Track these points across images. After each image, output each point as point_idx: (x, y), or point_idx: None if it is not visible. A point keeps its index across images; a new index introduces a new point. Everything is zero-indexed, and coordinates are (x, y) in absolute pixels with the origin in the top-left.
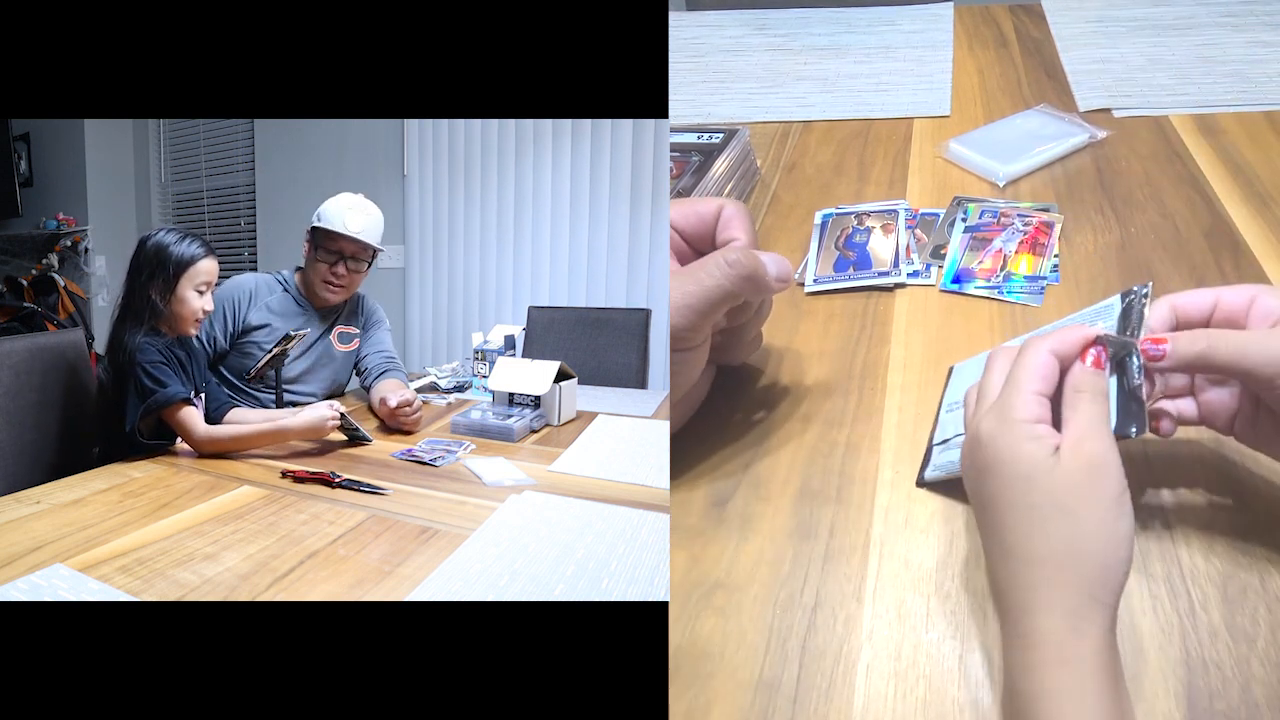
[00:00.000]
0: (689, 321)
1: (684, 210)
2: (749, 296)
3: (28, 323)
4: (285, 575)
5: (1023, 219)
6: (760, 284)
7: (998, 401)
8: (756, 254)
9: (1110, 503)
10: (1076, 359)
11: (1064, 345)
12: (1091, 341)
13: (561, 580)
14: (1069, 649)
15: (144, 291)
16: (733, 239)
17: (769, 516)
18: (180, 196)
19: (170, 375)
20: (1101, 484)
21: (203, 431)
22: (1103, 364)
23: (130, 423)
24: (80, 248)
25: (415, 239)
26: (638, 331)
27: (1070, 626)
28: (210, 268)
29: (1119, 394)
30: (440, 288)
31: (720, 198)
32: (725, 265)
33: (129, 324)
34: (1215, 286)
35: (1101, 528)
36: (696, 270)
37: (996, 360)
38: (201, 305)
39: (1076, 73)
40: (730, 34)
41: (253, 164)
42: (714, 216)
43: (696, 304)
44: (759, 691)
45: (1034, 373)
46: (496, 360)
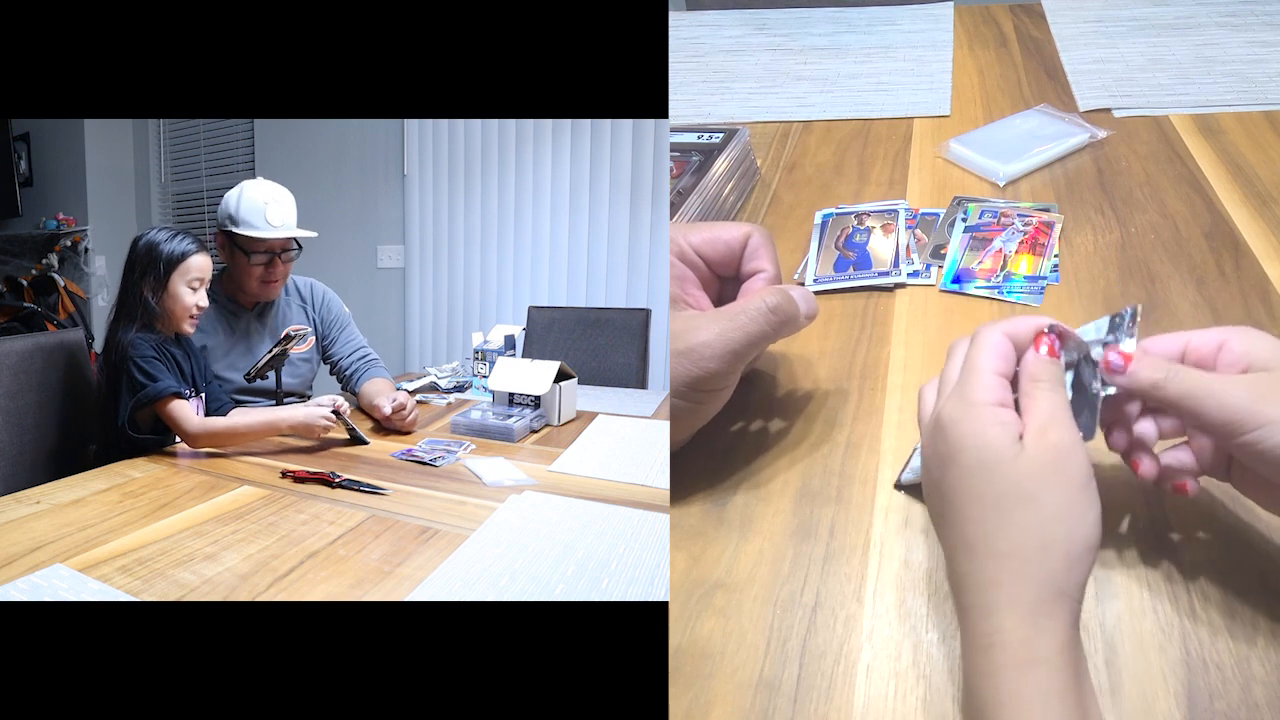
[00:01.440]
0: (729, 367)
1: (707, 236)
2: (782, 336)
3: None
4: (285, 575)
5: (1023, 219)
6: (795, 326)
7: (958, 385)
8: (791, 295)
9: (1076, 490)
10: (1030, 346)
11: (1018, 329)
12: (1044, 330)
13: (561, 580)
14: (1032, 650)
15: (137, 290)
16: (761, 270)
17: (769, 517)
18: (180, 196)
19: (162, 370)
20: (1067, 472)
21: (196, 424)
22: (1056, 352)
23: (122, 417)
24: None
25: (415, 239)
26: (638, 331)
27: (1033, 624)
28: (203, 264)
29: (1072, 396)
30: (440, 288)
31: (744, 224)
32: (767, 311)
33: (123, 322)
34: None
35: (1067, 514)
36: (737, 315)
37: (955, 350)
38: (195, 301)
39: (1076, 73)
40: (730, 34)
41: (253, 164)
42: (740, 245)
43: (738, 349)
44: (759, 692)
45: (991, 353)
46: (496, 360)
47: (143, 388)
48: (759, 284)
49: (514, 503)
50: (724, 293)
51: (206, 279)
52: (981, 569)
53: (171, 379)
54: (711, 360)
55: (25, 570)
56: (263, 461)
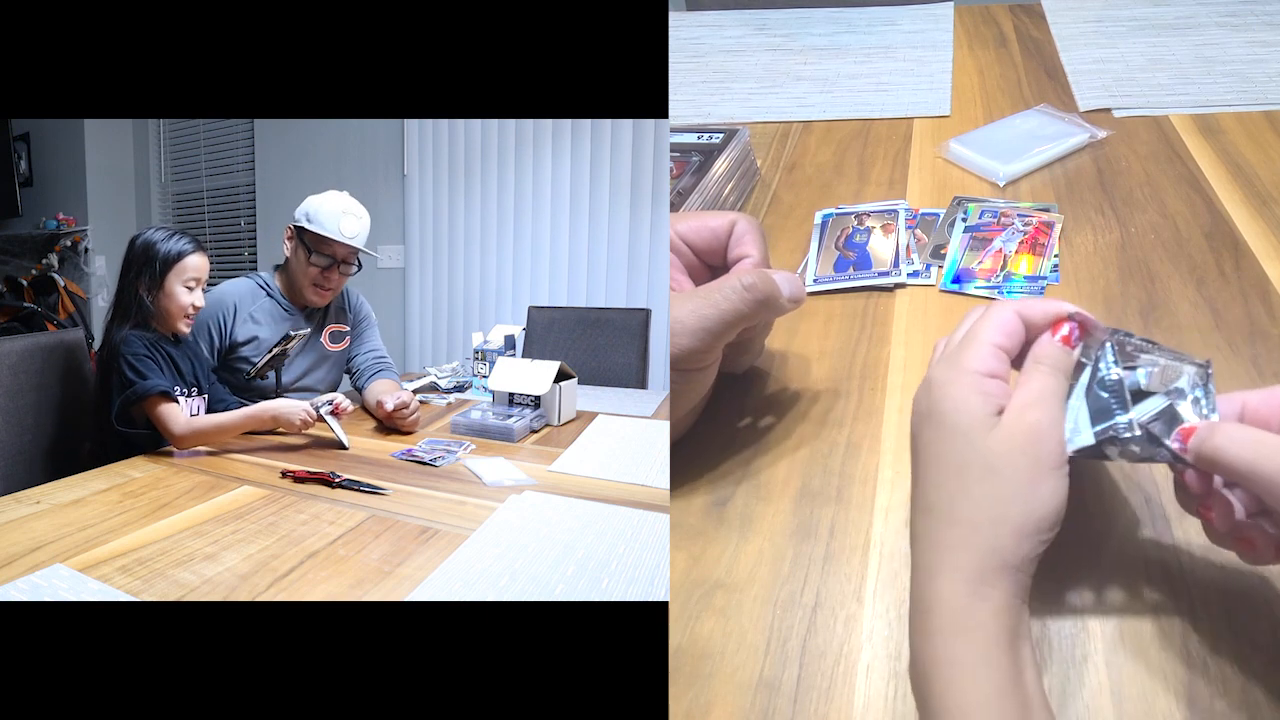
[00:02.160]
0: (703, 344)
1: (694, 224)
2: (763, 318)
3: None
4: (285, 575)
5: (1023, 219)
6: (775, 306)
7: (955, 350)
8: (771, 275)
9: (1044, 471)
10: (1046, 331)
11: (1032, 310)
12: (1065, 317)
13: (561, 580)
14: (967, 616)
15: (133, 289)
16: (745, 255)
17: (769, 517)
18: (180, 196)
19: (152, 368)
20: (1036, 452)
21: (182, 425)
22: (1072, 342)
23: (113, 414)
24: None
25: (415, 239)
26: (638, 331)
27: (971, 591)
28: (199, 263)
29: (1090, 386)
30: (440, 288)
31: (732, 212)
32: (741, 289)
33: (118, 321)
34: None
35: (1026, 492)
36: (712, 292)
37: (967, 316)
38: (191, 301)
39: (1076, 73)
40: (730, 34)
41: (253, 164)
42: (726, 232)
43: (712, 326)
44: (759, 692)
45: (995, 327)
46: (496, 360)
47: (131, 384)
48: (744, 267)
49: (514, 503)
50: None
51: (203, 279)
52: (934, 530)
53: (162, 378)
54: (684, 336)
55: (25, 570)
56: (263, 461)
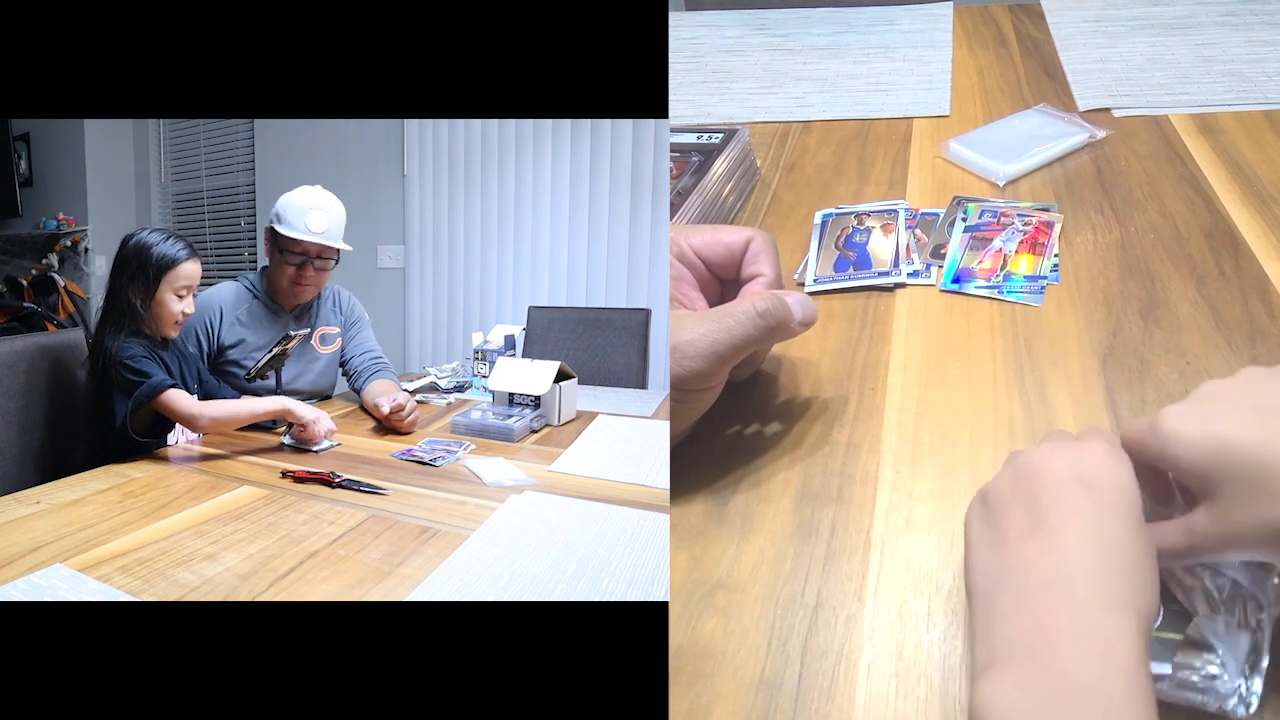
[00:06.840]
0: (711, 368)
1: (708, 238)
2: (774, 342)
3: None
4: (285, 575)
5: (1023, 219)
6: (787, 331)
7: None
8: (785, 300)
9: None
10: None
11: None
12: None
13: (561, 580)
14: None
15: (124, 294)
16: (760, 274)
17: (770, 517)
18: (180, 196)
19: (154, 367)
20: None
21: (197, 408)
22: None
23: (120, 419)
24: (80, 248)
25: (415, 239)
26: (638, 331)
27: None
28: (191, 271)
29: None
30: (440, 288)
31: (748, 228)
32: (755, 315)
33: (110, 328)
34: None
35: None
36: (725, 317)
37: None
38: (181, 308)
39: (1076, 72)
40: (730, 34)
41: (253, 164)
42: (741, 248)
43: (723, 351)
44: (760, 691)
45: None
46: (496, 360)
47: (137, 386)
48: (757, 288)
49: (514, 503)
50: (725, 295)
51: (195, 286)
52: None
53: (164, 374)
54: (694, 359)
55: (25, 570)
56: (263, 461)
